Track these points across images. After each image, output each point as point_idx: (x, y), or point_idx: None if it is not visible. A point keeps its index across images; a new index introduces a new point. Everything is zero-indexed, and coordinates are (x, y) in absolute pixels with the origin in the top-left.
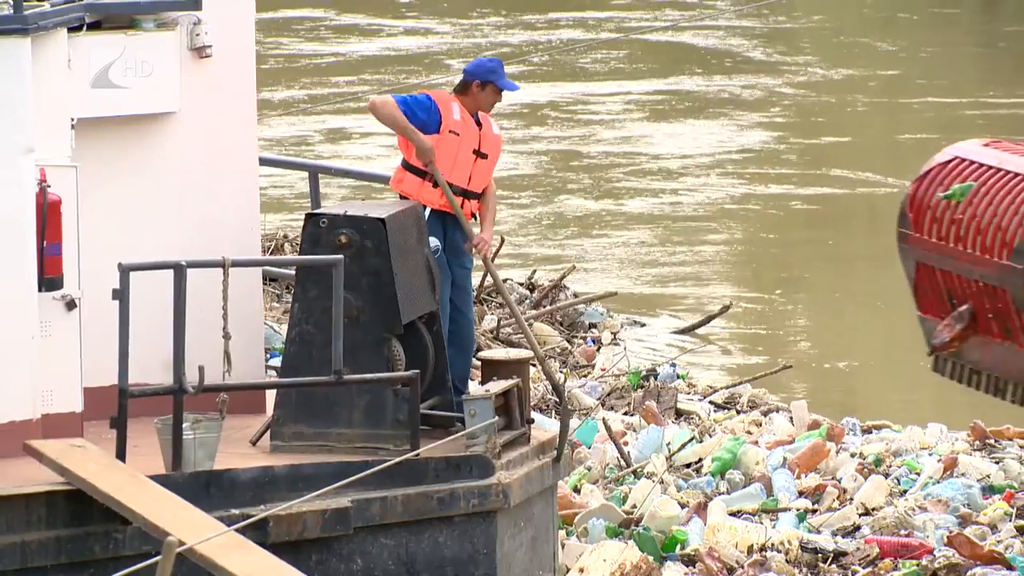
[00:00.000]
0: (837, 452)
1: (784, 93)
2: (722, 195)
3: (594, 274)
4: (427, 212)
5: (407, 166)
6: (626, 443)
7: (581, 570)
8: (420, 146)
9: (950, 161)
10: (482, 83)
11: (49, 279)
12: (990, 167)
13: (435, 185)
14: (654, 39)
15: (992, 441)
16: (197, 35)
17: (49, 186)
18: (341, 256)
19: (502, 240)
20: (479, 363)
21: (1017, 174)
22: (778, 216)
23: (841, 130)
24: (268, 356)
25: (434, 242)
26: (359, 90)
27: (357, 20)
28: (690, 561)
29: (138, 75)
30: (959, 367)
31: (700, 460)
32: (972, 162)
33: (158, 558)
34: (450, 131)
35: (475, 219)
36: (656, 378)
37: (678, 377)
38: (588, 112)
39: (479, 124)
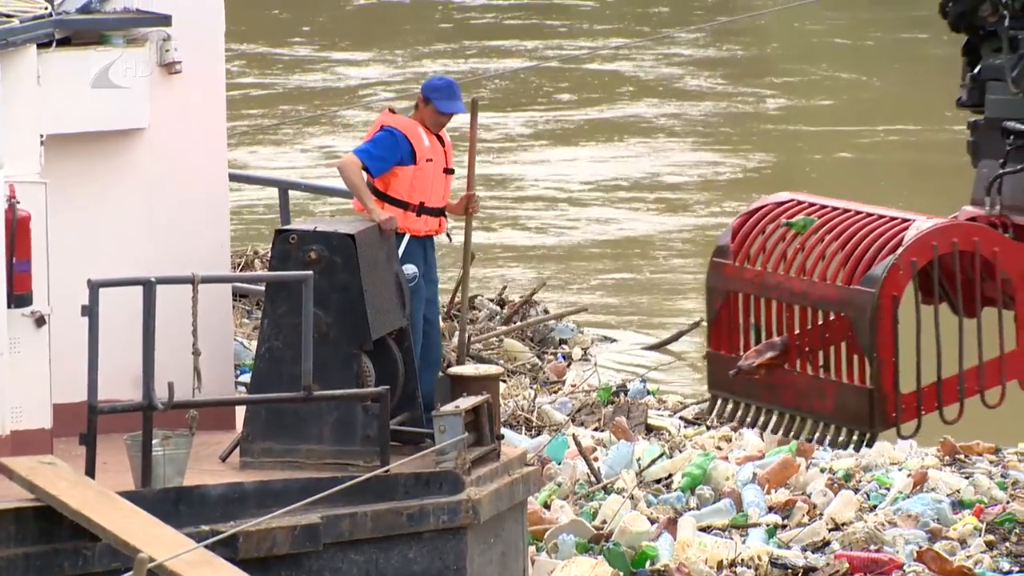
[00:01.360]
0: (807, 467)
1: (733, 119)
2: (674, 220)
3: (558, 293)
4: (406, 239)
5: (385, 197)
6: (596, 459)
7: None
8: (380, 221)
9: (786, 201)
10: (425, 99)
11: (18, 296)
12: (835, 207)
13: (430, 215)
14: (596, 68)
15: (962, 456)
16: (167, 51)
17: (18, 202)
18: (311, 272)
19: (473, 256)
20: (448, 379)
21: (869, 213)
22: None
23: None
24: (238, 372)
25: (412, 269)
26: (266, 123)
27: (261, 49)
28: None
29: (107, 90)
30: (745, 407)
31: (670, 475)
32: (813, 203)
33: (128, 575)
34: (426, 159)
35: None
36: (626, 394)
37: (648, 393)
38: (509, 138)
39: (442, 141)
